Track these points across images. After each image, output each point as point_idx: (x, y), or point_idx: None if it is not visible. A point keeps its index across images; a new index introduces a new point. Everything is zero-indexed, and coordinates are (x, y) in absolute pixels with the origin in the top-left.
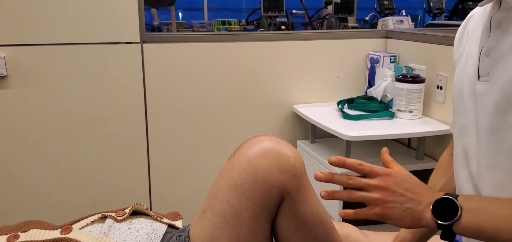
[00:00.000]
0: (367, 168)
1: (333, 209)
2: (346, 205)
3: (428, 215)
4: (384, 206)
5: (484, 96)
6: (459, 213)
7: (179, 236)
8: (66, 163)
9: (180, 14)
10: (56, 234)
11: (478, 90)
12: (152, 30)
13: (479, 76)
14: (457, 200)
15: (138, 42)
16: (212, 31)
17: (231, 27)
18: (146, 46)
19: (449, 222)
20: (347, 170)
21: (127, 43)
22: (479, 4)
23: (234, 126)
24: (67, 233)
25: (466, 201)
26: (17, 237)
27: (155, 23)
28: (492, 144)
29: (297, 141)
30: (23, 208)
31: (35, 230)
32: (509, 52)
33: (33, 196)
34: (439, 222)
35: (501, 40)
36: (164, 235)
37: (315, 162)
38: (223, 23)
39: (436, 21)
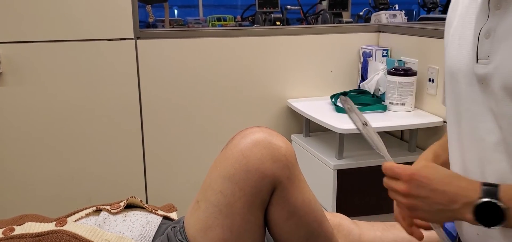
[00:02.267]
0: (389, 171)
1: (327, 200)
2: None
3: (468, 216)
4: (413, 211)
5: (489, 80)
6: (505, 219)
7: (174, 227)
8: (61, 159)
9: (175, 11)
10: (51, 226)
11: (479, 73)
12: (147, 27)
13: (477, 59)
14: (500, 203)
15: (132, 39)
16: (208, 27)
17: (226, 24)
18: (140, 42)
19: (495, 227)
20: None
21: (121, 39)
22: None
23: (229, 120)
24: (62, 226)
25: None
26: (12, 230)
27: (150, 20)
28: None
29: (292, 135)
30: (19, 204)
31: (30, 223)
32: None
33: (28, 192)
34: (483, 226)
35: (502, 21)
36: (159, 227)
37: (309, 155)
38: (218, 19)
39: (429, 15)
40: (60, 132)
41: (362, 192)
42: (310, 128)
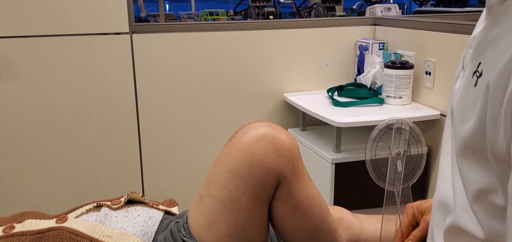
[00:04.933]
0: None
1: (325, 194)
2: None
3: None
4: None
5: None
6: None
7: (177, 222)
8: (57, 156)
9: (167, 5)
10: (51, 223)
11: None
12: (139, 21)
13: None
14: None
15: (127, 33)
16: (202, 22)
17: (219, 18)
18: (135, 36)
19: None
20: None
21: (116, 33)
22: None
23: (225, 115)
24: (63, 222)
25: None
26: (13, 228)
27: (142, 14)
28: None
29: (288, 129)
30: (15, 202)
31: (30, 220)
32: None
33: (24, 190)
34: None
35: None
36: (161, 222)
37: (306, 149)
38: (211, 13)
39: (423, 8)
40: (55, 128)
41: (360, 185)
42: (307, 122)
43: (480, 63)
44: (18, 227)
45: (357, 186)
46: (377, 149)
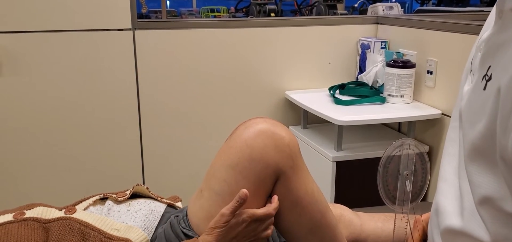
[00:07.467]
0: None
1: (326, 192)
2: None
3: None
4: None
5: None
6: None
7: (177, 216)
8: (59, 150)
9: (167, 2)
10: (61, 214)
11: None
12: (140, 18)
13: None
14: None
15: (129, 29)
16: (203, 19)
17: (220, 15)
18: (138, 32)
19: None
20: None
21: (119, 30)
22: None
23: (227, 112)
24: (72, 214)
25: None
26: (23, 214)
27: (144, 10)
28: None
29: (289, 127)
30: (18, 196)
31: (40, 208)
32: None
33: (26, 184)
34: None
35: None
36: (163, 215)
37: (308, 147)
38: (212, 10)
39: (425, 7)
40: (57, 123)
41: (361, 183)
42: (308, 120)
43: (489, 66)
44: (29, 213)
45: (357, 184)
46: (388, 174)
